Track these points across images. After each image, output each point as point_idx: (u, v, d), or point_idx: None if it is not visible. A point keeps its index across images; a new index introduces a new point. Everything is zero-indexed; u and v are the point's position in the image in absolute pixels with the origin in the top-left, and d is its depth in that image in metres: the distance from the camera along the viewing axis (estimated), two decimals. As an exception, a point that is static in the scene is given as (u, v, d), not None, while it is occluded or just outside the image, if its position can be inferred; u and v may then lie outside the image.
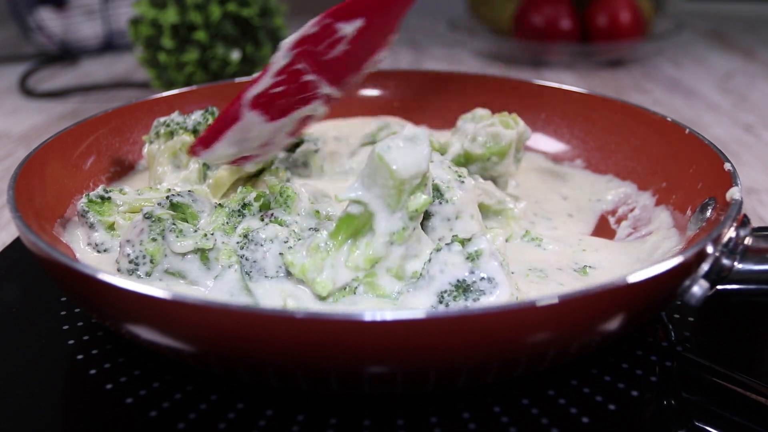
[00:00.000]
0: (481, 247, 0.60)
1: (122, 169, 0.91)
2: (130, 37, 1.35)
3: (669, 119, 0.86)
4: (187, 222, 0.67)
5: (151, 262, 0.63)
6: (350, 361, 0.50)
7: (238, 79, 1.08)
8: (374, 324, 0.47)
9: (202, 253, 0.65)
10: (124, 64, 1.81)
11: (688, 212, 0.75)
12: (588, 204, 0.87)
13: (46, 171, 0.77)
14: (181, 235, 0.64)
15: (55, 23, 1.80)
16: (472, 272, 0.60)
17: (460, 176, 0.74)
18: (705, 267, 0.59)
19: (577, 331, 0.52)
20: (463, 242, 0.62)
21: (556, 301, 0.48)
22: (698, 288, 0.59)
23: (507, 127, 0.84)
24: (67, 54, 1.82)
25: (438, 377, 0.53)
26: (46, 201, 0.74)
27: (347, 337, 0.48)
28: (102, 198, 0.74)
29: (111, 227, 0.73)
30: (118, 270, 0.63)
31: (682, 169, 0.81)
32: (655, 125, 0.88)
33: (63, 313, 0.71)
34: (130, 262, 0.63)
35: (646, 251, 0.74)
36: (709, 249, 0.58)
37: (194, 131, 0.84)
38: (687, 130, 0.82)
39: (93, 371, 0.62)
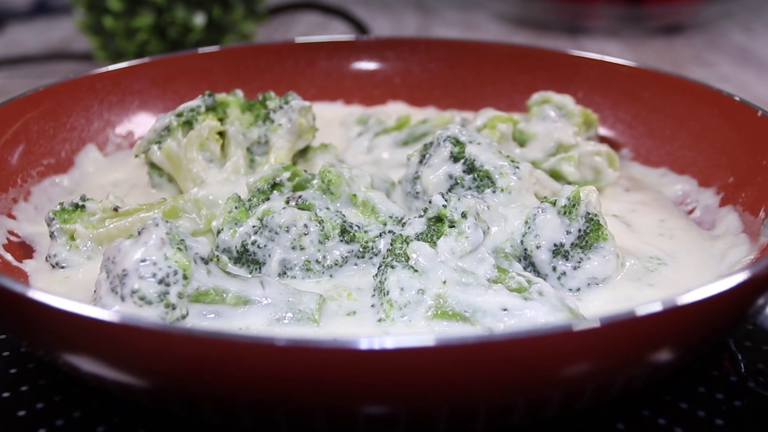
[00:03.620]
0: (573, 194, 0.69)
1: (57, 161, 0.91)
2: (68, -2, 1.35)
3: (737, 99, 0.87)
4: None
5: (184, 277, 0.61)
6: (342, 400, 0.50)
7: (202, 49, 1.08)
8: (372, 354, 0.47)
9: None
10: (61, 31, 1.81)
11: (762, 214, 0.75)
12: (654, 194, 0.88)
13: (-36, 164, 0.77)
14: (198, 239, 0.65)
15: (-26, -20, 1.80)
16: (568, 232, 0.69)
17: (513, 161, 0.77)
18: (782, 282, 0.59)
19: (622, 361, 0.52)
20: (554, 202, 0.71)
21: (597, 325, 0.48)
22: (774, 308, 0.60)
23: (612, 165, 0.89)
24: (-11, 18, 1.82)
25: (451, 419, 0.53)
26: (-36, 201, 0.74)
27: (339, 369, 0.48)
28: (77, 206, 0.75)
29: (72, 237, 0.74)
30: (141, 299, 0.59)
31: (754, 160, 0.81)
32: (720, 106, 0.89)
33: (-15, 340, 0.71)
34: (160, 282, 0.60)
35: (716, 256, 0.75)
36: (787, 260, 0.58)
37: (213, 110, 0.84)
38: (760, 113, 0.82)
39: (22, 413, 0.63)
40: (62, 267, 0.73)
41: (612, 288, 0.69)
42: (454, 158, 0.77)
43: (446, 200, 0.69)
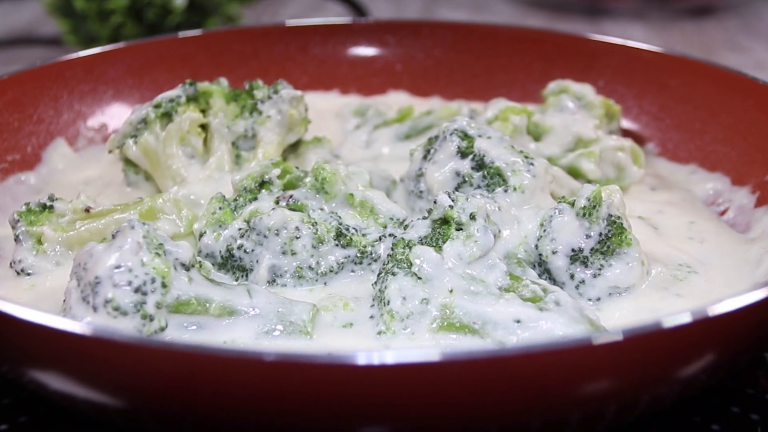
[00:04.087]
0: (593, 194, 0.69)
1: (23, 157, 0.91)
2: (35, -24, 1.35)
3: (775, 88, 0.87)
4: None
5: (163, 285, 0.61)
6: (338, 421, 0.50)
7: (183, 33, 1.08)
8: (371, 370, 0.47)
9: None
10: (27, 13, 1.81)
11: (802, 216, 0.75)
12: (683, 194, 0.89)
13: None
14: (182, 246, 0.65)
15: (-69, -44, 1.80)
16: (588, 236, 0.69)
17: (527, 157, 0.77)
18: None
19: (647, 378, 0.52)
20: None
21: (619, 338, 0.48)
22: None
23: (636, 161, 0.89)
24: (-53, -1, 1.82)
25: (458, 443, 0.53)
26: None
27: (334, 387, 0.48)
28: (44, 207, 0.75)
29: (39, 241, 0.74)
30: (116, 310, 0.60)
31: (793, 156, 0.81)
32: (755, 96, 0.89)
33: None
34: (137, 290, 0.60)
35: (751, 261, 0.75)
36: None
37: (194, 101, 0.84)
38: (799, 104, 0.83)
39: (-16, 435, 0.63)
40: (28, 274, 0.73)
41: (636, 298, 0.69)
42: (462, 154, 0.77)
43: (453, 200, 0.69)
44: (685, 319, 0.50)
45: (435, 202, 0.70)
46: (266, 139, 0.85)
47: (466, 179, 0.76)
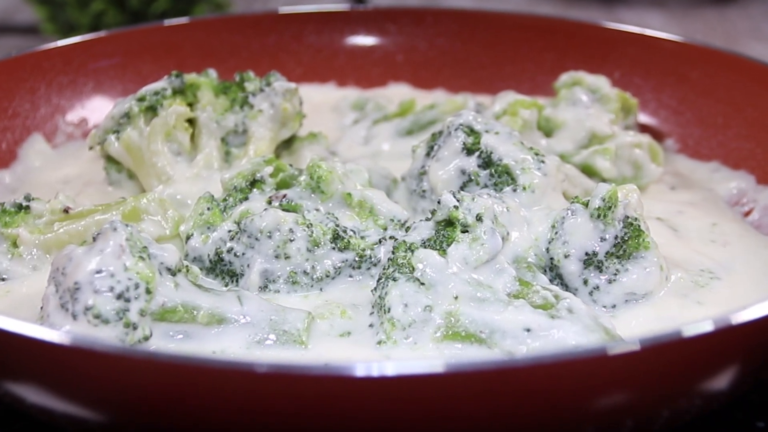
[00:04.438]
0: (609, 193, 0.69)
1: (-2, 154, 0.92)
2: (10, -40, 1.36)
3: (803, 80, 0.87)
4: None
5: (147, 291, 0.61)
6: (335, 437, 0.50)
7: (169, 22, 1.08)
8: (370, 382, 0.47)
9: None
10: (2, 0, 1.81)
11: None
12: (704, 193, 0.89)
13: None
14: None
15: None
16: (603, 238, 0.69)
17: (537, 154, 0.77)
18: None
19: (666, 391, 0.52)
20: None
21: (636, 347, 0.48)
22: None
23: (654, 159, 0.89)
24: None
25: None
26: None
27: (331, 400, 0.48)
28: (20, 207, 0.75)
29: (14, 244, 0.74)
30: (96, 317, 0.60)
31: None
32: (782, 89, 0.89)
33: None
34: (119, 297, 0.60)
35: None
36: None
37: (181, 94, 0.84)
38: (829, 97, 0.83)
39: (-44, 452, 0.63)
40: (3, 279, 0.73)
41: (654, 305, 0.69)
42: (468, 150, 0.78)
43: (458, 200, 0.69)
44: (707, 327, 0.50)
45: (439, 202, 0.70)
46: (258, 134, 0.85)
47: (473, 178, 0.76)
